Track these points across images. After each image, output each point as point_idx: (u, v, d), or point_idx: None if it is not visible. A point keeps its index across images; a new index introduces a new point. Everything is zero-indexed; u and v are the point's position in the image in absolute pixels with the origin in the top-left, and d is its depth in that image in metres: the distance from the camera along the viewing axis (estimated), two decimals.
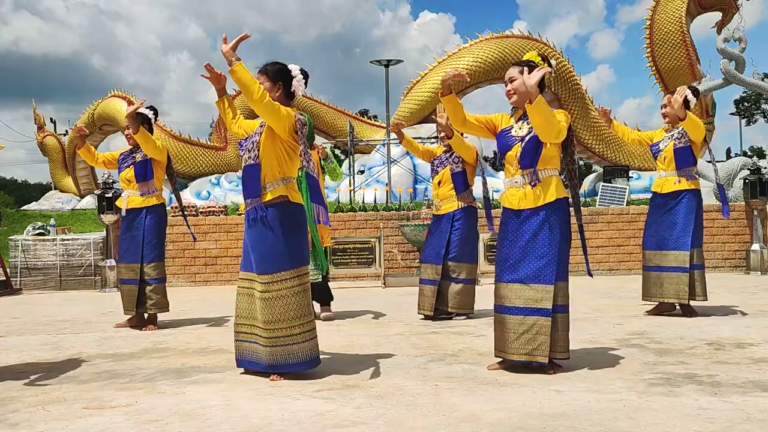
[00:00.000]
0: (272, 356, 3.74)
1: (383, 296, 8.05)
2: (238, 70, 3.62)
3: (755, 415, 2.87)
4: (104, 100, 20.94)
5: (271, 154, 3.79)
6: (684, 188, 5.71)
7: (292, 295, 3.73)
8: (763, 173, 10.15)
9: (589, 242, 10.22)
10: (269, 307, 3.72)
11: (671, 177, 5.77)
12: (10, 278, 10.18)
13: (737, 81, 12.50)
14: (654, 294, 5.84)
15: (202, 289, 9.56)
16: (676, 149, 5.71)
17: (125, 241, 5.98)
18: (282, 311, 3.72)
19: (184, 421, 3.00)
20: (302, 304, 3.76)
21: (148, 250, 5.91)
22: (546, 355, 3.67)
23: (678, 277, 5.67)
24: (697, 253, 5.74)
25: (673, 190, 5.75)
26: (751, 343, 4.45)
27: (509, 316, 3.75)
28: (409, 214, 10.37)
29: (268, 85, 3.84)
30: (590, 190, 15.03)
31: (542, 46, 17.13)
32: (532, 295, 3.70)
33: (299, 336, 3.74)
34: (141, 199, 5.95)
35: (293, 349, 3.73)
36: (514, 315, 3.73)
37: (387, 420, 2.92)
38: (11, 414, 3.19)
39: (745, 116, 50.63)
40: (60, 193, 23.04)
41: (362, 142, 17.91)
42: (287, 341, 3.73)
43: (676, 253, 5.70)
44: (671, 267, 5.72)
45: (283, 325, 3.72)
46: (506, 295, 3.77)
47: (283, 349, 3.73)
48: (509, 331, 3.74)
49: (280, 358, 3.74)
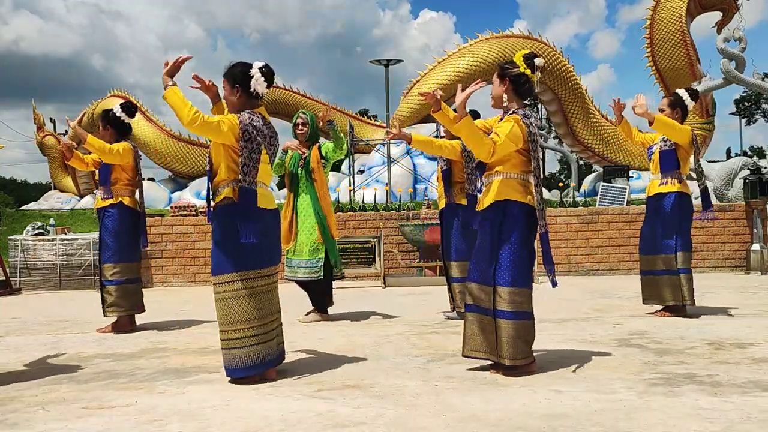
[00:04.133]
0: (224, 359, 3.78)
1: (383, 296, 8.05)
2: (168, 96, 3.68)
3: (755, 415, 2.87)
4: (103, 100, 20.94)
5: (219, 158, 3.82)
6: (670, 190, 5.70)
7: (235, 297, 3.71)
8: (763, 173, 10.15)
9: (589, 242, 10.23)
10: (217, 309, 3.78)
11: (656, 180, 5.81)
12: (9, 278, 10.18)
13: (737, 81, 12.50)
14: (650, 297, 5.82)
15: (202, 289, 9.56)
16: (660, 152, 5.77)
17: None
18: (224, 313, 3.72)
19: (184, 421, 3.00)
20: (247, 308, 3.70)
21: (103, 251, 5.82)
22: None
23: (670, 279, 5.66)
24: (683, 256, 5.65)
25: (657, 192, 5.77)
26: (751, 343, 4.45)
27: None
28: (409, 214, 10.37)
29: (228, 89, 3.88)
30: (590, 190, 15.03)
31: (542, 45, 17.14)
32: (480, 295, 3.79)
33: (240, 341, 3.69)
34: (101, 200, 5.87)
35: (234, 354, 3.70)
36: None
37: (387, 420, 2.92)
38: (11, 414, 3.19)
39: (745, 116, 50.65)
40: (59, 193, 23.04)
41: (362, 142, 17.91)
42: (229, 345, 3.72)
43: (662, 256, 5.70)
44: (662, 270, 5.71)
45: (225, 327, 3.72)
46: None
47: (227, 353, 3.73)
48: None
49: (225, 361, 3.75)
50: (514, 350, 3.65)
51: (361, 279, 10.00)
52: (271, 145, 3.91)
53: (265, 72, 3.89)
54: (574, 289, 8.09)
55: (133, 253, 5.87)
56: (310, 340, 4.97)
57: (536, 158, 3.83)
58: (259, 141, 3.80)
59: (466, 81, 17.35)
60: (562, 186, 19.74)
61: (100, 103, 20.95)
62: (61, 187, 23.38)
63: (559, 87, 17.01)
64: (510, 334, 3.65)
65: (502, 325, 3.66)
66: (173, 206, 11.02)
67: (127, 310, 5.80)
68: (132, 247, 5.85)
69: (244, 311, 3.70)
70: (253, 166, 3.77)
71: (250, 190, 3.75)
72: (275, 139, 3.96)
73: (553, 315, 5.85)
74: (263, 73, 3.87)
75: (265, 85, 3.90)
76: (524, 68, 3.84)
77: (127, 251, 5.81)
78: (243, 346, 3.69)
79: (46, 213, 18.40)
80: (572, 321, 5.58)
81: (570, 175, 27.60)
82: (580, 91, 17.20)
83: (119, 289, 5.76)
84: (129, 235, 5.83)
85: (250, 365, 3.69)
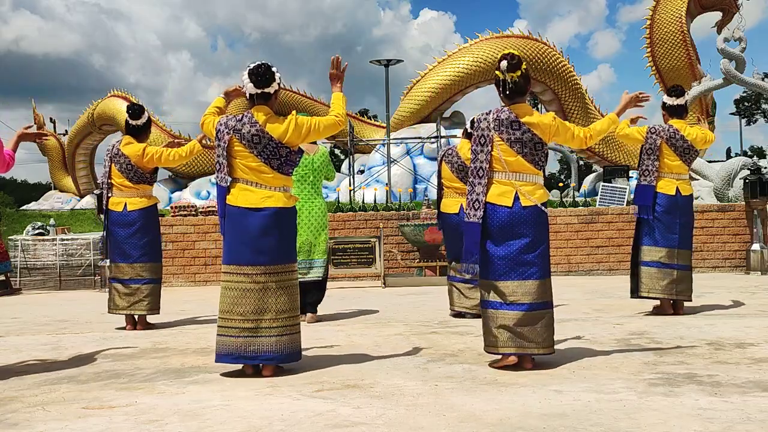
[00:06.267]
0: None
1: (383, 296, 8.05)
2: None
3: (755, 415, 2.87)
4: (104, 100, 20.95)
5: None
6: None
7: (222, 287, 4.04)
8: (763, 173, 10.14)
9: (589, 242, 10.24)
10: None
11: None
12: (9, 278, 10.18)
13: (737, 81, 12.49)
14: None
15: (202, 289, 9.57)
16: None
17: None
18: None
19: (184, 421, 3.00)
20: (221, 299, 3.99)
21: (135, 249, 5.92)
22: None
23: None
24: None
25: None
26: (751, 343, 4.45)
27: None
28: (409, 214, 10.37)
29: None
30: (590, 190, 15.03)
31: (542, 45, 17.14)
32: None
33: (218, 328, 4.00)
34: (138, 199, 5.98)
35: (217, 339, 4.04)
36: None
37: (387, 420, 2.92)
38: (11, 414, 3.19)
39: (745, 116, 50.61)
40: (59, 193, 23.06)
41: (362, 142, 17.92)
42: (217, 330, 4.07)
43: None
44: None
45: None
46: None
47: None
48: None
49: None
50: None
51: (361, 279, 10.00)
52: (255, 144, 3.90)
53: (251, 73, 3.96)
54: (574, 289, 8.09)
55: (161, 253, 6.13)
56: (310, 340, 4.97)
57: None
58: (226, 140, 3.93)
59: (466, 81, 17.36)
60: (562, 186, 19.73)
61: (100, 103, 20.95)
62: (61, 187, 23.40)
63: (559, 87, 17.00)
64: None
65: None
66: (173, 206, 11.02)
67: (152, 309, 5.93)
68: (160, 247, 6.10)
69: (220, 301, 3.98)
70: (221, 163, 3.95)
71: (221, 187, 3.98)
72: (260, 138, 3.89)
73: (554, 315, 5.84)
74: (249, 74, 3.97)
75: (251, 86, 3.96)
76: (498, 71, 3.96)
77: (160, 251, 6.07)
78: (218, 333, 3.97)
79: (46, 213, 18.40)
80: (572, 321, 5.58)
81: (570, 175, 27.59)
82: (580, 91, 17.20)
83: (152, 288, 5.92)
84: (159, 234, 6.11)
85: (218, 353, 3.94)
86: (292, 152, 3.98)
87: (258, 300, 3.87)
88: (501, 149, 3.92)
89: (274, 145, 3.92)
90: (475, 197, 3.92)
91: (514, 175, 3.92)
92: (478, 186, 3.92)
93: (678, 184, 5.85)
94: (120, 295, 5.86)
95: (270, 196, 3.92)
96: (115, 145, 5.92)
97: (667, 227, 5.82)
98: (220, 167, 3.96)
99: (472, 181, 3.96)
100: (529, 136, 3.91)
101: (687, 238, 5.90)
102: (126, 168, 5.82)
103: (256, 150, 3.91)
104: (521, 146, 3.92)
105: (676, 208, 5.83)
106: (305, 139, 4.02)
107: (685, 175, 5.92)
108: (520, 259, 3.86)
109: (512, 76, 3.90)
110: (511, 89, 3.93)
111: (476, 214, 3.90)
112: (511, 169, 3.93)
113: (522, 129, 3.91)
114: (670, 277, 5.78)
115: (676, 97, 5.90)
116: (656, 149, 5.80)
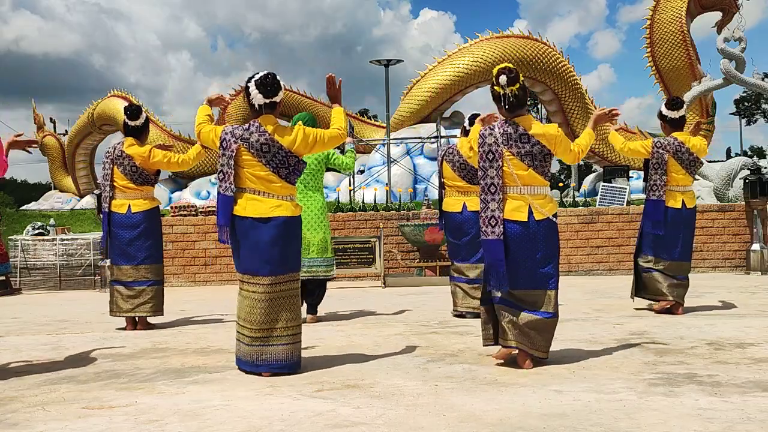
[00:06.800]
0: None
1: (383, 296, 8.05)
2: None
3: (755, 415, 2.87)
4: (104, 99, 20.94)
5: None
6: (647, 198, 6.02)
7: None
8: (763, 173, 10.14)
9: (589, 242, 10.23)
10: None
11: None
12: (9, 278, 10.18)
13: (737, 81, 12.49)
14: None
15: (203, 289, 9.57)
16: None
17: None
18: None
19: (184, 421, 3.00)
20: (238, 306, 4.06)
21: (141, 251, 5.91)
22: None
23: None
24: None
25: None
26: (751, 343, 4.45)
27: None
28: (409, 214, 10.37)
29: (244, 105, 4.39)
30: (590, 190, 15.02)
31: (542, 45, 17.13)
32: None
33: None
34: (142, 201, 5.96)
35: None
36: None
37: (387, 420, 2.92)
38: (11, 414, 3.19)
39: (745, 116, 50.63)
40: (59, 193, 23.04)
41: (362, 142, 17.91)
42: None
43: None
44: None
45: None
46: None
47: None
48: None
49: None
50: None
51: (361, 279, 10.00)
52: (264, 153, 3.91)
53: (258, 84, 3.96)
54: (574, 289, 8.08)
55: (163, 254, 6.14)
56: (310, 340, 4.96)
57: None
58: (233, 149, 3.89)
59: (466, 81, 17.36)
60: (562, 186, 19.72)
61: (100, 103, 20.95)
62: (61, 187, 23.38)
63: (559, 87, 17.00)
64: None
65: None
66: (173, 206, 11.01)
67: (156, 311, 5.94)
68: (162, 248, 6.11)
69: (237, 307, 4.04)
70: (227, 172, 3.92)
71: (225, 196, 3.95)
72: (269, 147, 3.91)
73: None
74: (257, 85, 3.96)
75: (260, 97, 3.97)
76: (497, 86, 3.98)
77: (162, 252, 6.08)
78: (236, 338, 4.05)
79: (46, 213, 18.39)
80: (572, 321, 5.58)
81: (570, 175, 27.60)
82: (580, 91, 17.19)
83: (156, 290, 5.94)
84: (162, 235, 6.13)
85: (237, 357, 4.05)
86: (299, 162, 4.00)
87: (269, 310, 3.90)
88: (512, 164, 3.93)
89: (284, 154, 3.93)
90: (490, 214, 3.92)
91: (527, 189, 3.94)
92: (492, 203, 3.92)
93: (683, 197, 5.91)
94: (123, 297, 5.84)
95: (279, 206, 3.94)
96: (117, 147, 5.90)
97: (670, 241, 5.91)
98: (224, 176, 3.93)
99: (484, 198, 3.95)
100: (539, 148, 3.93)
101: (688, 251, 6.01)
102: (130, 170, 5.80)
103: (265, 159, 3.92)
104: (531, 159, 3.93)
105: (681, 221, 5.90)
106: (312, 149, 4.06)
107: (689, 186, 5.98)
108: (537, 271, 3.91)
109: (512, 90, 3.92)
110: (512, 102, 3.94)
111: (494, 231, 3.90)
112: (523, 182, 3.94)
113: (531, 141, 3.92)
114: (670, 281, 5.91)
115: (676, 110, 5.92)
116: (663, 164, 5.82)
